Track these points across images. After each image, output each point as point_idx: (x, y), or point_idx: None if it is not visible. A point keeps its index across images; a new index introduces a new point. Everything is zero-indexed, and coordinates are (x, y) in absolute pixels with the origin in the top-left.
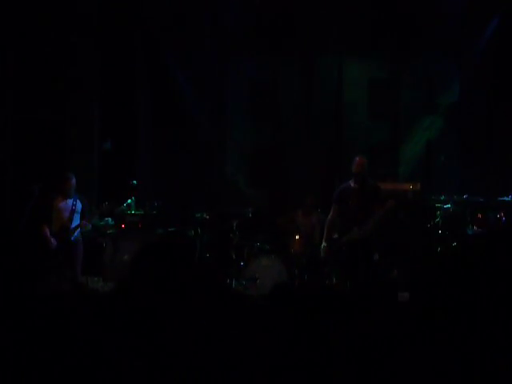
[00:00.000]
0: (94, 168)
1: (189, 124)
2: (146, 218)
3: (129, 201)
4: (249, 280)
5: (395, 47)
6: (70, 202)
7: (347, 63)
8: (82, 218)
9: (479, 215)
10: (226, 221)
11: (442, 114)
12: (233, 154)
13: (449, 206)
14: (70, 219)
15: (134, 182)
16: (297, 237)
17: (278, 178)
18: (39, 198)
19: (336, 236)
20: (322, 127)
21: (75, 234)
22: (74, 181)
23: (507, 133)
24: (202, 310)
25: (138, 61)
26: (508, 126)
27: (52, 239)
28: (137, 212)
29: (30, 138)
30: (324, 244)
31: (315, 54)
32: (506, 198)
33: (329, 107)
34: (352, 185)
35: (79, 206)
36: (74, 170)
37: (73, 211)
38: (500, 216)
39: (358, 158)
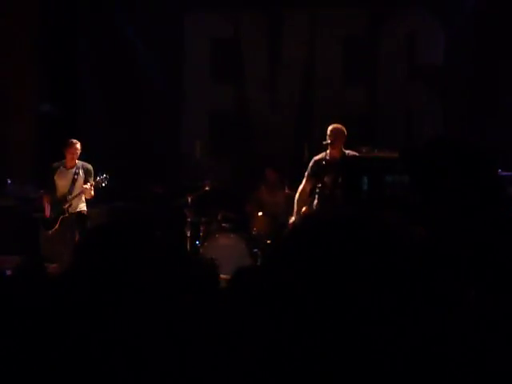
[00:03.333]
0: (33, 134)
1: (140, 86)
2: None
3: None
4: None
5: (373, 1)
6: (72, 171)
7: (320, 19)
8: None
9: None
10: (180, 195)
11: (424, 78)
12: (189, 120)
13: None
14: (70, 190)
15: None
16: (259, 214)
17: (240, 147)
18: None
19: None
20: (290, 91)
21: (76, 204)
22: (78, 147)
23: (494, 100)
24: (159, 296)
25: (82, 15)
26: (495, 93)
27: (48, 209)
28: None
29: None
30: (294, 218)
31: (284, 9)
32: None
33: (299, 69)
34: (327, 157)
35: (82, 175)
36: (12, 137)
37: (74, 181)
38: None
39: (332, 127)
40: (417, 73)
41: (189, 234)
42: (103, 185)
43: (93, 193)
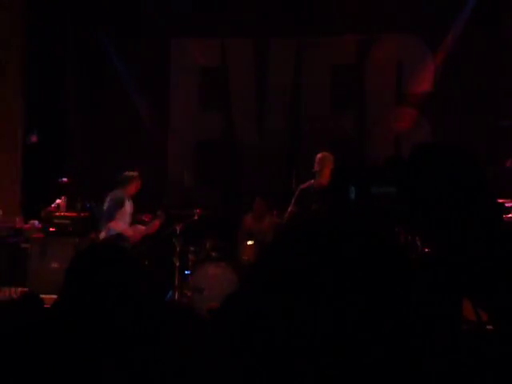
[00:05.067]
0: (18, 163)
1: (126, 114)
2: (77, 221)
3: (58, 201)
4: (194, 291)
5: (360, 28)
6: (131, 201)
7: (307, 46)
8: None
9: None
10: (168, 224)
11: (413, 105)
12: (177, 149)
13: None
14: (131, 221)
15: (64, 179)
16: (249, 242)
17: (228, 175)
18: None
19: None
20: (278, 118)
21: None
22: None
23: (484, 125)
24: (145, 327)
25: (69, 42)
26: (485, 118)
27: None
28: (67, 214)
29: None
30: None
31: (271, 36)
32: None
33: (286, 96)
34: (315, 185)
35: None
36: None
37: (132, 212)
38: None
39: (320, 155)
40: (405, 99)
41: (177, 264)
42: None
43: None
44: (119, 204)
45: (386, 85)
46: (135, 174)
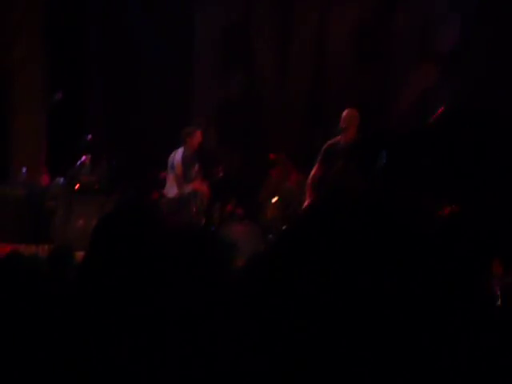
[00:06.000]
0: (43, 122)
1: (149, 73)
2: (102, 179)
3: (83, 158)
4: None
5: None
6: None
7: (330, 4)
8: None
9: None
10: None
11: (438, 63)
12: (199, 108)
13: None
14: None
15: (89, 137)
16: (273, 200)
17: (251, 134)
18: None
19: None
20: (301, 78)
21: None
22: None
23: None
24: (174, 287)
25: (90, 1)
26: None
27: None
28: (92, 172)
29: None
30: (307, 203)
31: None
32: None
33: (309, 55)
34: (341, 142)
35: None
36: (21, 125)
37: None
38: None
39: (347, 112)
40: (430, 57)
41: (203, 221)
42: None
43: None
44: (189, 163)
45: (410, 43)
46: (193, 129)
